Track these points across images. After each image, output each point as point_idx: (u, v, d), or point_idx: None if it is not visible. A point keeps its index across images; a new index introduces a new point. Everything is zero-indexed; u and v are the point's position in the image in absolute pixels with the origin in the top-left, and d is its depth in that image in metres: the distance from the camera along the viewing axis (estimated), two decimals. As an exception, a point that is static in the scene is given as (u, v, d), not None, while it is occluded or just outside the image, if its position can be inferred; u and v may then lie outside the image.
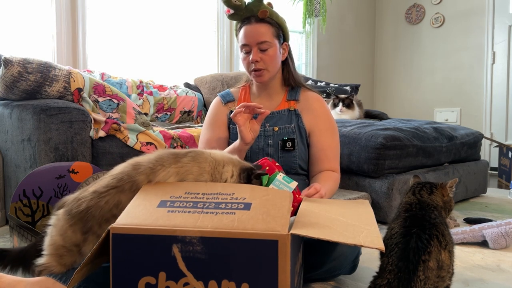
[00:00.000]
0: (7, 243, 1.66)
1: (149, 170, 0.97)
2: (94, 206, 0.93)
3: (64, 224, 0.94)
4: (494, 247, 1.67)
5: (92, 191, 0.96)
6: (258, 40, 1.41)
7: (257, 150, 1.47)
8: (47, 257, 0.95)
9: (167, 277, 0.78)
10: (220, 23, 3.81)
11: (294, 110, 1.50)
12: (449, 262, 0.91)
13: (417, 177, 1.15)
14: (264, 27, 1.42)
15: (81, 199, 0.96)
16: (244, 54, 1.46)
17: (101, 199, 0.94)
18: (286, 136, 1.46)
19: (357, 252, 1.28)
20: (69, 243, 0.94)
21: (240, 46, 1.46)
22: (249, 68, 1.47)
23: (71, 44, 2.95)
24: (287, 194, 0.92)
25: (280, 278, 0.76)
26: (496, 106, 4.31)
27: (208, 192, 0.91)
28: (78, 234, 0.94)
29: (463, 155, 2.72)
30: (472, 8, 4.45)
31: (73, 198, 0.98)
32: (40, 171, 1.42)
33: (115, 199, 0.94)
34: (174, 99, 2.73)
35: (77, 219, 0.93)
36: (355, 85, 3.43)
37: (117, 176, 0.97)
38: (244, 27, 1.44)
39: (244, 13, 1.43)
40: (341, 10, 4.83)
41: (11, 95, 1.74)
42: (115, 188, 0.95)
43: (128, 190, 0.95)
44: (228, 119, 1.54)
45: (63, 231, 0.94)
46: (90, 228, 0.93)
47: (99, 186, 0.97)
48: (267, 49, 1.42)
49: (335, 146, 1.50)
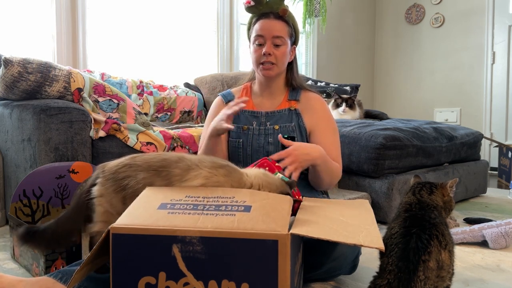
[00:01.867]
0: (7, 243, 1.66)
1: (186, 167, 1.00)
2: (133, 177, 0.97)
3: (109, 189, 0.97)
4: (494, 247, 1.67)
5: (138, 162, 0.99)
6: (274, 34, 1.43)
7: (258, 148, 1.48)
8: (100, 224, 0.97)
9: (167, 277, 0.78)
10: (220, 23, 3.81)
11: (295, 109, 1.50)
12: (449, 262, 0.91)
13: (417, 177, 1.15)
14: (281, 24, 1.45)
15: (126, 165, 0.98)
16: (256, 46, 1.46)
17: (140, 173, 0.97)
18: (287, 134, 1.47)
19: (357, 252, 1.28)
20: (115, 211, 0.95)
21: (254, 37, 1.47)
22: (258, 61, 1.46)
23: (71, 44, 2.95)
24: (287, 198, 0.93)
25: (280, 278, 0.76)
26: (496, 106, 4.31)
27: (208, 196, 0.91)
28: (120, 204, 0.96)
29: (463, 155, 2.72)
30: (472, 8, 4.45)
31: (119, 162, 1.00)
32: (40, 171, 1.42)
33: (151, 179, 0.97)
34: (174, 99, 2.73)
35: (118, 186, 0.96)
36: (355, 85, 3.43)
37: (161, 161, 1.00)
38: (262, 20, 1.46)
39: (264, 8, 1.46)
40: (341, 10, 4.83)
41: (11, 95, 1.74)
42: (155, 170, 0.98)
43: (163, 177, 0.98)
44: None
45: (110, 198, 0.97)
46: (126, 197, 0.96)
47: (144, 160, 1.00)
48: (280, 45, 1.44)
49: (336, 145, 1.51)
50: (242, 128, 1.50)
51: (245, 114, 1.53)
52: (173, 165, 1.00)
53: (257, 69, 1.50)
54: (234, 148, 1.50)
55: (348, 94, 3.16)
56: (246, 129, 1.50)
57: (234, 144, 1.50)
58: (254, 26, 1.48)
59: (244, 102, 1.33)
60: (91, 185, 1.00)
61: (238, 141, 1.49)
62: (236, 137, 1.50)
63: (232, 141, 1.51)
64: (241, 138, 1.49)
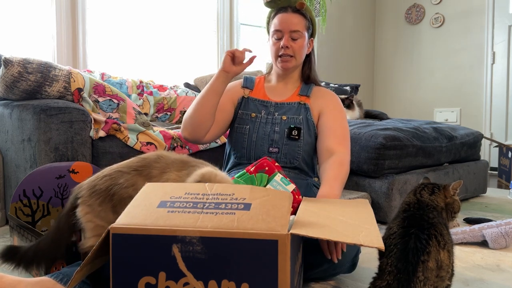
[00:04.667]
0: (7, 243, 1.66)
1: (162, 168, 1.01)
2: (115, 184, 0.97)
3: (94, 204, 0.97)
4: (494, 247, 1.67)
5: (115, 169, 1.00)
6: (292, 28, 1.47)
7: (263, 136, 1.49)
8: (93, 239, 0.97)
9: (167, 277, 0.78)
10: (220, 23, 3.81)
11: (304, 104, 1.53)
12: (448, 262, 0.91)
13: (426, 179, 1.14)
14: (298, 17, 1.49)
15: (105, 176, 0.99)
16: (275, 40, 1.51)
17: (120, 177, 0.98)
18: (293, 125, 1.49)
19: (357, 250, 1.28)
20: (106, 222, 0.96)
21: (272, 32, 1.52)
22: (277, 53, 1.51)
23: (71, 44, 2.95)
24: (287, 194, 0.92)
25: (280, 278, 0.76)
26: (496, 106, 4.31)
27: (208, 193, 0.91)
28: (110, 213, 0.96)
29: (463, 155, 2.72)
30: (472, 8, 4.45)
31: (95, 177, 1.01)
32: (40, 171, 1.42)
33: (133, 180, 0.98)
34: (174, 99, 2.73)
35: (103, 197, 0.97)
36: (355, 85, 3.43)
37: (141, 160, 1.02)
38: (280, 14, 1.50)
39: (282, 3, 1.50)
40: (341, 10, 4.83)
41: (11, 95, 1.74)
42: (136, 170, 1.00)
43: (144, 176, 0.99)
44: (238, 102, 1.57)
45: (97, 212, 0.97)
46: (115, 205, 0.96)
47: (123, 165, 1.01)
48: (298, 38, 1.49)
49: (344, 127, 1.50)
50: (250, 115, 1.53)
51: (255, 102, 1.56)
52: (152, 165, 1.02)
53: (275, 61, 1.54)
54: (240, 134, 1.52)
55: (347, 94, 3.16)
56: (254, 116, 1.52)
57: (241, 130, 1.52)
58: (272, 20, 1.53)
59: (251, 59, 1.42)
60: (70, 208, 1.01)
61: (245, 127, 1.51)
62: (243, 123, 1.53)
63: (239, 127, 1.53)
64: (248, 125, 1.52)
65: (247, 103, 1.56)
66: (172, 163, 1.03)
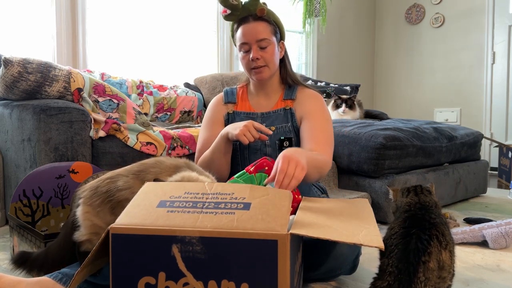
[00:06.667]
0: (7, 243, 1.66)
1: (157, 174, 1.03)
2: (114, 186, 1.00)
3: (94, 204, 1.00)
4: (494, 247, 1.67)
5: (117, 173, 1.04)
6: (258, 38, 1.41)
7: (255, 151, 1.47)
8: (88, 235, 0.99)
9: (167, 277, 0.78)
10: (220, 23, 3.81)
11: (290, 109, 1.49)
12: (449, 262, 0.91)
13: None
14: (262, 25, 1.43)
15: (108, 178, 1.02)
16: (243, 53, 1.46)
17: (120, 180, 1.01)
18: (283, 135, 1.46)
19: (357, 252, 1.27)
20: (103, 223, 0.98)
21: (239, 46, 1.46)
22: (249, 67, 1.46)
23: (71, 44, 2.95)
24: (286, 193, 0.92)
25: (280, 278, 0.76)
26: (496, 106, 4.31)
27: (207, 192, 0.90)
28: (108, 215, 0.98)
29: (463, 155, 2.72)
30: (472, 8, 4.45)
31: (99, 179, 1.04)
32: (40, 171, 1.42)
33: (130, 183, 1.00)
34: (174, 99, 2.73)
35: (103, 198, 0.99)
36: (355, 85, 3.43)
37: (140, 165, 1.06)
38: (242, 26, 1.44)
39: (241, 13, 1.43)
40: (341, 10, 4.83)
41: (11, 95, 1.74)
42: (134, 174, 1.03)
43: (140, 180, 1.01)
44: (225, 119, 1.54)
45: (96, 212, 0.99)
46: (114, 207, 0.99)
47: (125, 169, 1.05)
48: (266, 46, 1.43)
49: (325, 132, 1.45)
50: None
51: (241, 116, 1.52)
52: (148, 170, 1.05)
53: (249, 75, 1.50)
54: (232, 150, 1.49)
55: (348, 94, 3.16)
56: None
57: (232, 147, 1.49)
58: (236, 33, 1.47)
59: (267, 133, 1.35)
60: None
61: (235, 144, 1.48)
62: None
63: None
64: (238, 141, 1.48)
65: (234, 118, 1.52)
66: (166, 167, 1.06)
